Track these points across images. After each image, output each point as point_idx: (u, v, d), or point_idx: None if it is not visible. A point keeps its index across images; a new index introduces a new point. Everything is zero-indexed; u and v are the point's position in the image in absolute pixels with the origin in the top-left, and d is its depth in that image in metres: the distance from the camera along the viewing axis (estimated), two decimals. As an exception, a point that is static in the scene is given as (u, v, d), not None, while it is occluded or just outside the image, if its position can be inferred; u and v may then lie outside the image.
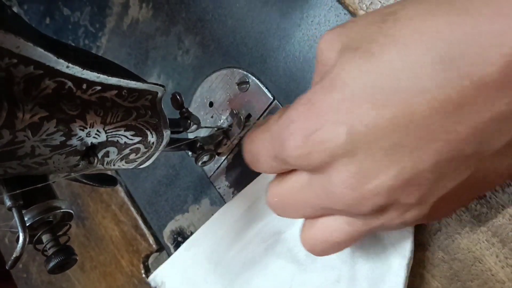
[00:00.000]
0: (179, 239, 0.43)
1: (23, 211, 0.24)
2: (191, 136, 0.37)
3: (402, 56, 0.18)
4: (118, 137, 0.26)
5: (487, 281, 0.26)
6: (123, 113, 0.26)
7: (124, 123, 0.26)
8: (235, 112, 0.36)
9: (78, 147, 0.25)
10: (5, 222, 0.57)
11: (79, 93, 0.23)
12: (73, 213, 0.27)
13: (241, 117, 0.36)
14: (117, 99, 0.25)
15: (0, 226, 0.55)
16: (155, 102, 0.28)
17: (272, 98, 0.34)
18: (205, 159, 0.36)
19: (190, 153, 0.36)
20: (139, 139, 0.28)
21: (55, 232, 0.26)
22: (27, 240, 0.23)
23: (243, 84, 0.36)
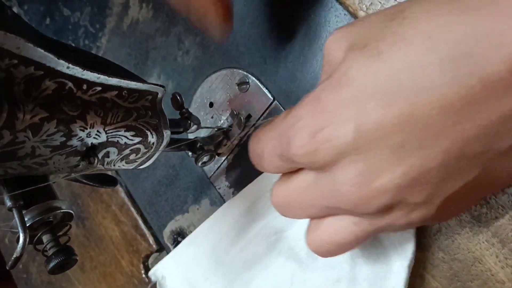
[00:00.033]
0: (179, 239, 0.43)
1: (24, 212, 0.24)
2: (191, 136, 0.37)
3: (409, 54, 0.18)
4: (118, 138, 0.26)
5: (487, 281, 0.26)
6: (123, 114, 0.26)
7: (124, 123, 0.26)
8: (235, 112, 0.36)
9: (78, 147, 0.25)
10: (6, 222, 0.57)
11: (79, 93, 0.23)
12: (73, 214, 0.27)
13: (241, 117, 0.36)
14: (117, 99, 0.25)
15: (0, 226, 0.55)
16: (155, 102, 0.28)
17: (272, 98, 0.34)
18: (205, 159, 0.36)
19: (190, 154, 0.36)
20: (139, 139, 0.28)
21: (55, 232, 0.26)
22: (27, 240, 0.23)
23: (243, 84, 0.36)
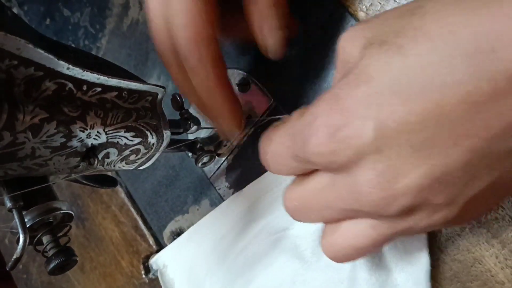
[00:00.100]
0: (179, 240, 0.43)
1: (24, 212, 0.24)
2: (191, 137, 0.37)
3: (431, 49, 0.17)
4: (118, 138, 0.26)
5: (486, 282, 0.26)
6: (123, 114, 0.26)
7: (124, 124, 0.26)
8: (235, 113, 0.36)
9: (78, 148, 0.25)
10: (6, 223, 0.57)
11: (79, 94, 0.23)
12: (73, 214, 0.27)
13: (241, 118, 0.36)
14: (117, 100, 0.25)
15: (0, 227, 0.55)
16: (155, 103, 0.28)
17: (272, 99, 0.34)
18: (205, 160, 0.36)
19: (190, 154, 0.36)
20: (139, 140, 0.28)
21: (55, 233, 0.27)
22: (27, 241, 0.23)
23: (243, 85, 0.36)
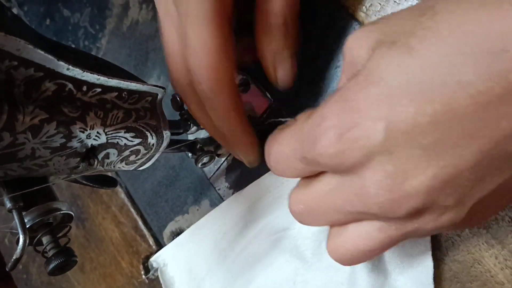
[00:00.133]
0: (179, 240, 0.43)
1: (23, 213, 0.24)
2: (191, 137, 0.37)
3: (443, 49, 0.17)
4: (118, 139, 0.26)
5: (486, 283, 0.26)
6: (123, 115, 0.26)
7: (124, 124, 0.26)
8: (235, 113, 0.36)
9: (78, 149, 0.25)
10: (6, 223, 0.57)
11: (79, 95, 0.23)
12: (73, 215, 0.27)
13: (241, 118, 0.36)
14: (117, 101, 0.25)
15: (0, 227, 0.55)
16: (155, 103, 0.28)
17: (272, 99, 0.34)
18: (205, 160, 0.36)
19: (190, 155, 0.36)
20: (139, 140, 0.28)
21: (55, 233, 0.27)
22: (27, 242, 0.23)
23: (242, 85, 0.36)
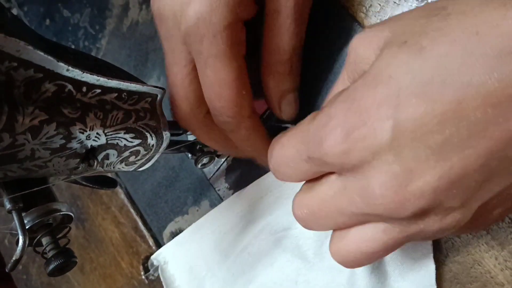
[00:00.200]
0: (179, 240, 0.43)
1: (23, 214, 0.24)
2: (191, 138, 0.37)
3: (455, 50, 0.17)
4: (118, 140, 0.26)
5: (486, 284, 0.26)
6: (123, 116, 0.26)
7: (124, 125, 0.26)
8: (234, 114, 0.36)
9: (78, 150, 0.25)
10: (5, 224, 0.57)
11: (79, 96, 0.23)
12: (73, 216, 0.27)
13: (241, 119, 0.36)
14: (117, 101, 0.25)
15: (0, 228, 0.55)
16: (155, 104, 0.28)
17: (271, 100, 0.34)
18: (205, 161, 0.36)
19: (189, 155, 0.36)
20: (139, 141, 0.28)
21: (54, 234, 0.26)
22: (26, 243, 0.23)
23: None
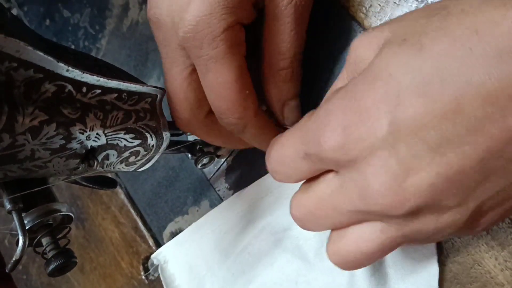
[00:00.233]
0: (179, 241, 0.43)
1: (23, 214, 0.24)
2: (191, 138, 0.37)
3: (454, 49, 0.17)
4: (118, 140, 0.26)
5: (486, 284, 0.26)
6: (122, 116, 0.26)
7: (124, 126, 0.26)
8: (234, 114, 0.36)
9: (78, 150, 0.25)
10: (5, 224, 0.57)
11: (79, 96, 0.23)
12: (73, 216, 0.27)
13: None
14: (117, 102, 0.25)
15: (0, 228, 0.55)
16: (155, 105, 0.28)
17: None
18: (205, 161, 0.36)
19: (189, 156, 0.36)
20: (139, 142, 0.28)
21: (54, 235, 0.26)
22: (26, 243, 0.23)
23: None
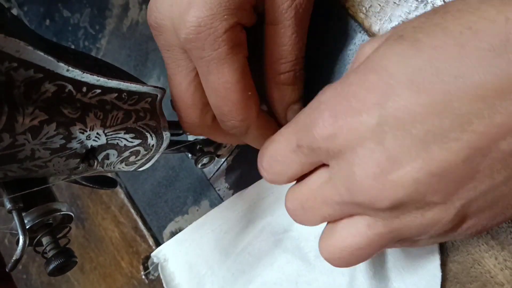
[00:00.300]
0: (179, 240, 0.43)
1: (23, 214, 0.24)
2: (191, 138, 0.37)
3: (448, 44, 0.17)
4: (118, 140, 0.26)
5: (486, 284, 0.26)
6: (123, 116, 0.26)
7: (124, 125, 0.26)
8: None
9: (78, 150, 0.25)
10: (5, 224, 0.57)
11: (79, 96, 0.23)
12: (73, 216, 0.27)
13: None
14: (117, 102, 0.25)
15: (0, 228, 0.55)
16: (155, 104, 0.28)
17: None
18: (205, 161, 0.36)
19: (189, 155, 0.36)
20: (139, 141, 0.28)
21: (54, 234, 0.27)
22: (27, 243, 0.23)
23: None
